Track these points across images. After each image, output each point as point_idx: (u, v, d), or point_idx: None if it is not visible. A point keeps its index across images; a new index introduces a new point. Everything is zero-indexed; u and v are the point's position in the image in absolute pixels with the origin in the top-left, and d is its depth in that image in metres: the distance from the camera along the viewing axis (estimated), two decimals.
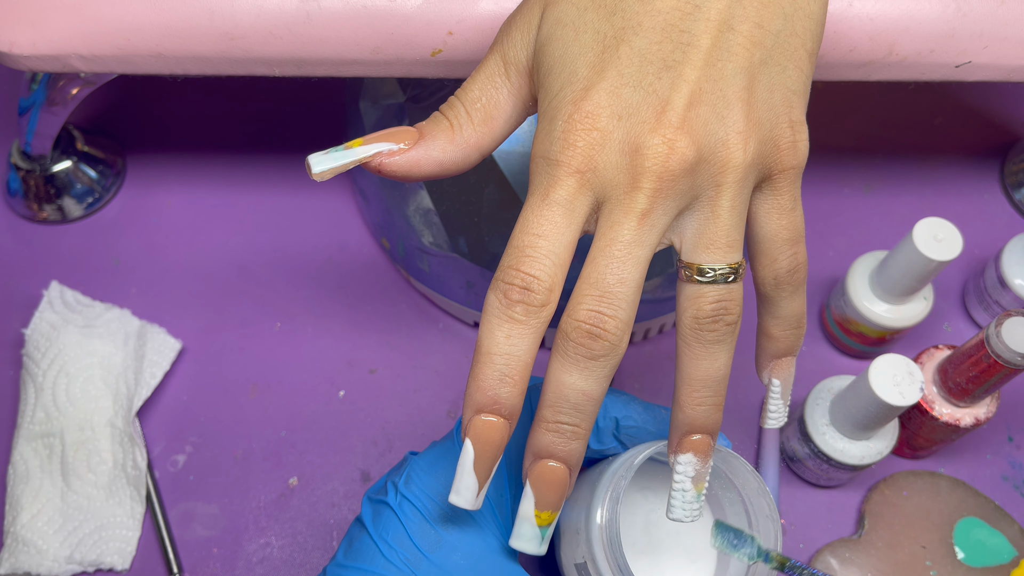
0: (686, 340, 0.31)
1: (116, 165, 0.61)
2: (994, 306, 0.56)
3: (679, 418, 0.32)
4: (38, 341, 0.52)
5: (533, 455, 0.31)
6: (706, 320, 0.30)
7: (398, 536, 0.35)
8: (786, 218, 0.31)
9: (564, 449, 0.30)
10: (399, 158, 0.31)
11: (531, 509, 0.31)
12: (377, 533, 0.35)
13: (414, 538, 0.35)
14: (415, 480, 0.36)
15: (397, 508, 0.36)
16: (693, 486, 0.32)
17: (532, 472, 0.30)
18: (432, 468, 0.37)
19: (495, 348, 0.29)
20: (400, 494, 0.36)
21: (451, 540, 0.35)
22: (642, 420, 0.38)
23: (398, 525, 0.35)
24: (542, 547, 0.31)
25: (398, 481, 0.37)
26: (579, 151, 0.29)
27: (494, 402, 0.29)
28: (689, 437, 0.32)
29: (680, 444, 0.32)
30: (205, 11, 0.40)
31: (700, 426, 0.31)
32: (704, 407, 0.31)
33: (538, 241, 0.29)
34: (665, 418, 0.39)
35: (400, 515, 0.35)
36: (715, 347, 0.30)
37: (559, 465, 0.30)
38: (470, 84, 0.32)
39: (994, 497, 0.51)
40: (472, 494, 0.30)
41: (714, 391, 0.31)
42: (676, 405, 0.32)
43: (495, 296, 0.29)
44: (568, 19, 0.30)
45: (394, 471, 0.38)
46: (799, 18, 0.30)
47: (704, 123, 0.28)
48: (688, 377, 0.31)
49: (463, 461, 0.30)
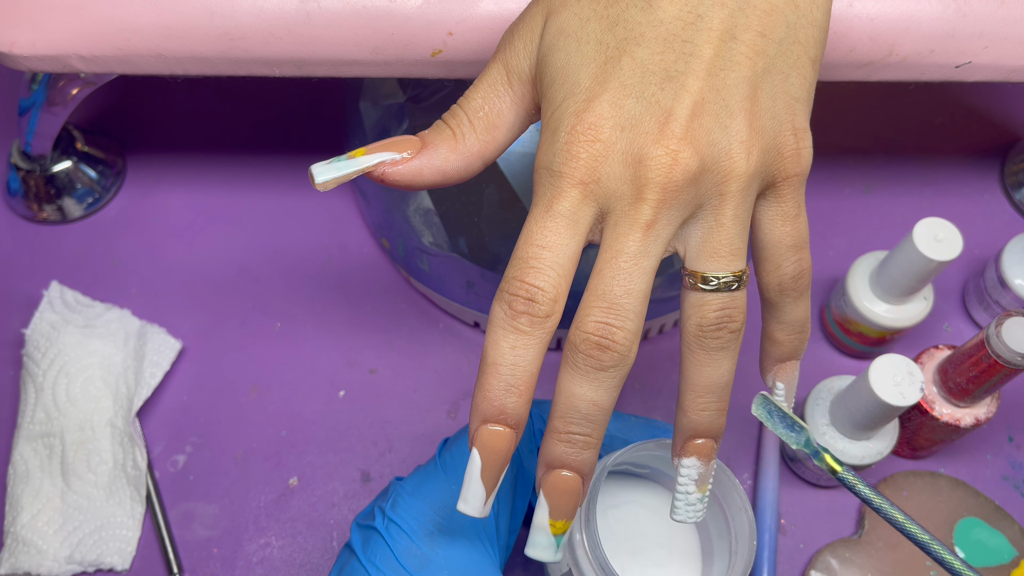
0: (690, 347, 0.31)
1: (116, 165, 0.61)
2: (994, 306, 0.56)
3: (683, 422, 0.32)
4: (38, 341, 0.52)
5: (546, 465, 0.31)
6: (710, 328, 0.30)
7: (386, 559, 0.36)
8: (790, 225, 0.31)
9: (577, 459, 0.30)
10: (402, 167, 0.32)
11: (546, 518, 0.31)
12: (366, 558, 0.36)
13: (401, 559, 0.36)
14: (401, 503, 0.37)
15: (384, 532, 0.36)
16: (697, 488, 0.33)
17: (546, 482, 0.31)
18: (418, 490, 0.38)
19: (501, 359, 0.29)
20: (387, 518, 0.37)
21: (438, 559, 0.36)
22: (614, 428, 0.40)
23: (386, 548, 0.36)
24: (557, 555, 0.31)
25: (385, 506, 0.37)
26: (582, 162, 0.29)
27: (500, 412, 0.30)
28: (693, 441, 0.32)
29: (684, 448, 0.32)
30: (205, 11, 0.40)
31: (703, 431, 0.32)
32: (708, 412, 0.31)
33: (542, 252, 0.29)
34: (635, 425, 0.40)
35: (387, 538, 0.36)
36: (719, 354, 0.31)
37: (572, 474, 0.31)
38: (473, 92, 0.32)
39: (994, 497, 0.51)
40: (480, 502, 0.31)
41: (718, 397, 0.31)
42: (680, 410, 0.32)
43: (500, 307, 0.29)
44: (571, 29, 0.30)
45: (380, 497, 0.39)
46: (802, 26, 0.30)
47: (707, 133, 0.29)
48: (692, 383, 0.31)
49: (470, 470, 0.30)
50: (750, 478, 0.52)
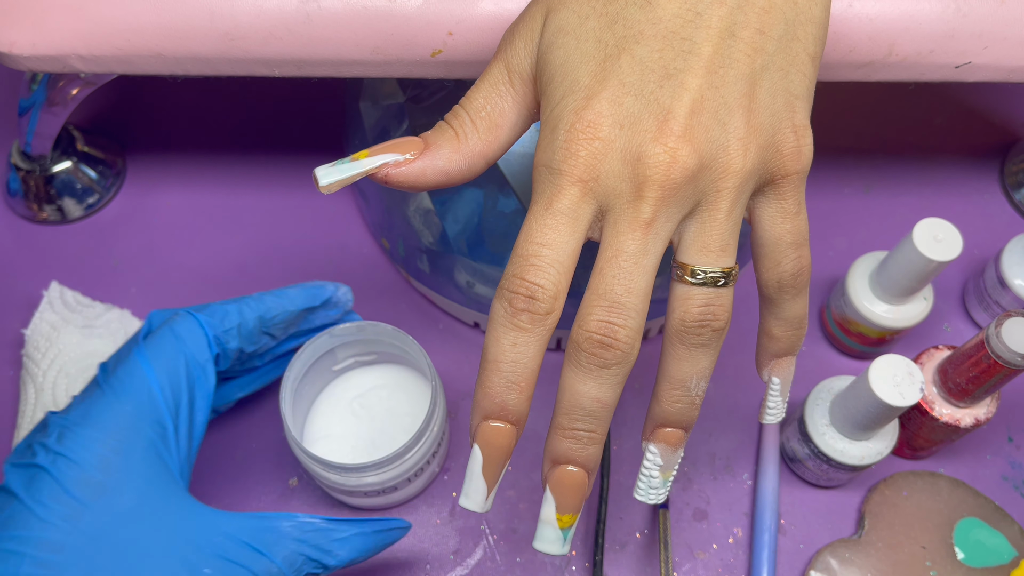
0: (671, 340, 0.31)
1: (116, 165, 0.61)
2: (994, 306, 0.56)
3: (655, 410, 0.32)
4: (38, 341, 0.52)
5: (551, 461, 0.31)
6: (692, 324, 0.30)
7: (55, 495, 0.34)
8: (790, 222, 0.31)
9: (582, 454, 0.31)
10: (405, 168, 0.32)
11: (552, 513, 0.31)
12: (30, 496, 0.35)
13: (73, 491, 0.35)
14: (70, 435, 0.36)
15: (51, 467, 0.35)
16: (660, 473, 0.33)
17: (552, 477, 0.31)
18: (86, 419, 0.36)
19: (501, 356, 0.30)
20: (53, 452, 0.35)
21: (115, 483, 0.35)
22: (279, 307, 0.44)
23: (53, 483, 0.35)
24: (565, 547, 0.32)
25: (47, 441, 0.36)
26: (581, 160, 0.29)
27: (501, 408, 0.30)
28: (662, 429, 0.33)
29: (653, 434, 0.33)
30: (205, 12, 0.40)
31: (674, 421, 0.32)
32: (680, 405, 0.32)
33: (542, 250, 0.29)
34: (292, 296, 0.46)
35: (55, 473, 0.35)
36: (698, 351, 0.31)
37: (578, 470, 0.31)
38: (474, 93, 0.32)
39: (994, 497, 0.51)
40: (482, 497, 0.31)
41: (693, 391, 0.32)
42: (654, 397, 0.32)
43: (500, 305, 0.30)
44: (570, 27, 0.30)
45: (38, 432, 0.37)
46: (801, 23, 0.30)
47: (706, 130, 0.29)
48: (668, 375, 0.32)
49: (472, 466, 0.31)
50: (750, 478, 0.52)
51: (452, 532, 0.50)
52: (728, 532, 0.50)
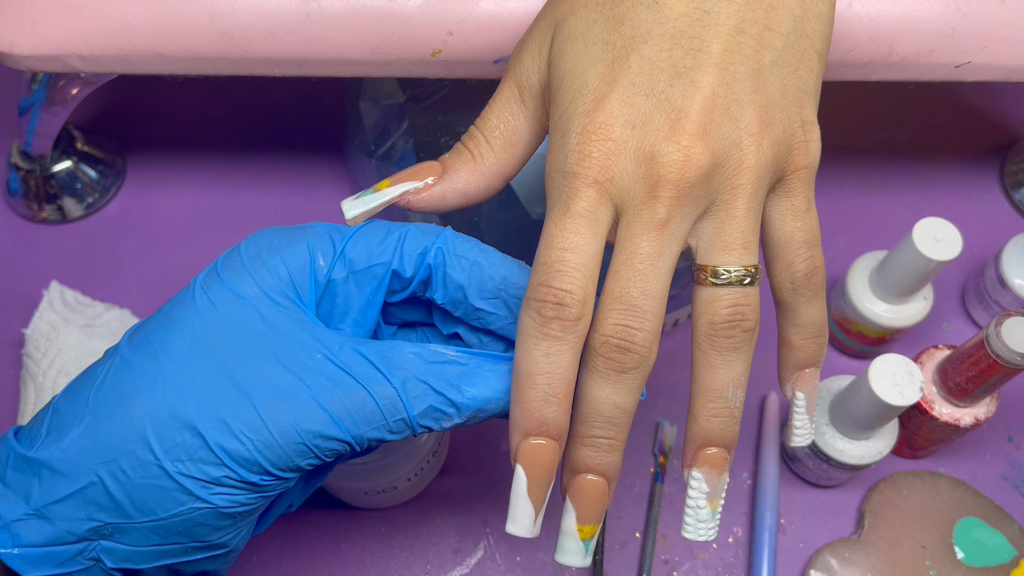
0: (701, 347, 0.30)
1: (116, 165, 0.61)
2: (994, 306, 0.56)
3: (693, 429, 0.31)
4: (38, 341, 0.52)
5: (571, 470, 0.30)
6: (722, 326, 0.29)
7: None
8: (801, 219, 0.31)
9: (602, 463, 0.30)
10: (425, 194, 0.32)
11: (573, 524, 0.30)
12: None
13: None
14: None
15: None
16: (708, 503, 0.31)
17: (572, 487, 0.30)
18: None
19: (535, 368, 0.28)
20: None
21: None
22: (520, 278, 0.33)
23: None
24: (587, 559, 0.30)
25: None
26: (595, 161, 0.28)
27: (541, 424, 0.29)
28: (704, 451, 0.31)
29: (695, 458, 0.31)
30: (205, 11, 0.40)
31: (715, 438, 0.31)
32: (719, 419, 0.30)
33: (566, 255, 0.28)
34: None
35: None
36: (732, 355, 0.30)
37: (598, 479, 0.30)
38: (488, 112, 0.33)
39: (994, 497, 0.51)
40: (530, 521, 0.29)
41: (730, 402, 0.30)
42: (691, 416, 0.31)
43: (529, 316, 0.29)
44: (578, 33, 0.30)
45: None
46: (808, 19, 0.30)
47: (718, 128, 0.28)
48: (703, 386, 0.30)
49: (516, 488, 0.29)
50: (750, 478, 0.52)
51: (452, 531, 0.50)
52: (728, 531, 0.50)
